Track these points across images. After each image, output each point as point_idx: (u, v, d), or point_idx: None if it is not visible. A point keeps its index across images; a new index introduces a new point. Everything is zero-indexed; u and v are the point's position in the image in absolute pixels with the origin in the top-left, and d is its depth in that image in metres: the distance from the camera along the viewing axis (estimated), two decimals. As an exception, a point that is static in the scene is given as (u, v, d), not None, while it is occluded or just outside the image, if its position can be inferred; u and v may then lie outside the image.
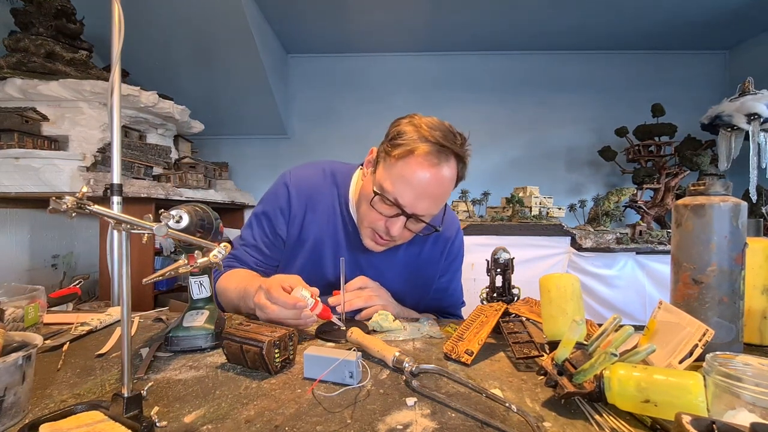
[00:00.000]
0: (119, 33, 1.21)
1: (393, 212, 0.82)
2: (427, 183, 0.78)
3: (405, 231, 0.84)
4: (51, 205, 0.41)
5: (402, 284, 0.97)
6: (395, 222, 0.82)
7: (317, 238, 0.95)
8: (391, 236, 0.84)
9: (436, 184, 0.79)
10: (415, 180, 0.78)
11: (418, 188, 0.78)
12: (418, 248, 0.98)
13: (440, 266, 1.01)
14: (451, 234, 1.02)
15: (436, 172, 0.78)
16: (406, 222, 0.82)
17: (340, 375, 0.55)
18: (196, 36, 2.58)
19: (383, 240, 0.86)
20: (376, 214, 0.84)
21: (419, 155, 0.78)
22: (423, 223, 0.83)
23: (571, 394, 0.48)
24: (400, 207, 0.80)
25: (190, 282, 0.74)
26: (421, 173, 0.78)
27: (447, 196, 0.84)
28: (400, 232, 0.82)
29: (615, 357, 0.45)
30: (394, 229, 0.82)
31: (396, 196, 0.79)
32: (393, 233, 0.82)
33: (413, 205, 0.80)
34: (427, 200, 0.80)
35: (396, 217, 0.82)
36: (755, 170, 2.32)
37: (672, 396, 0.43)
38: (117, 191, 1.30)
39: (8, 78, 1.84)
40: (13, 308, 0.75)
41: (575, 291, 0.62)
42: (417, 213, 0.81)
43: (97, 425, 0.41)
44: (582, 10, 2.68)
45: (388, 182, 0.80)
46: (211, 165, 2.68)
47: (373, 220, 0.85)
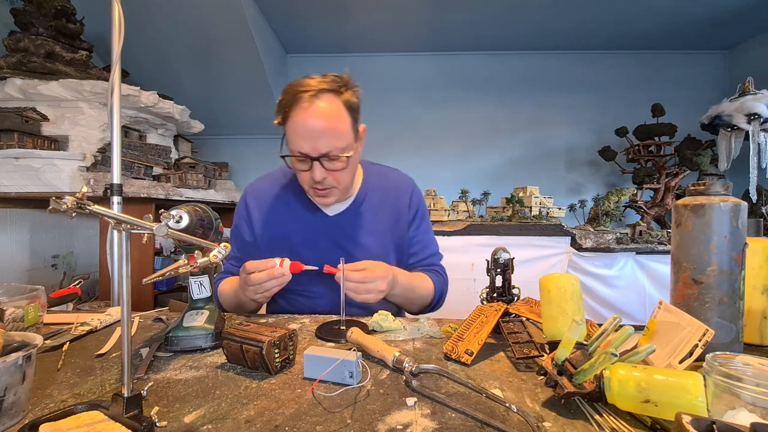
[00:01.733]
0: (119, 33, 1.21)
1: (307, 163, 0.90)
2: (310, 125, 0.86)
3: (331, 173, 0.91)
4: (51, 205, 0.41)
5: (381, 246, 1.03)
6: (314, 169, 0.89)
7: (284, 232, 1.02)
8: (320, 183, 0.91)
9: (319, 120, 0.86)
10: (300, 128, 0.87)
11: (306, 132, 0.87)
12: (383, 209, 1.06)
13: (408, 217, 1.08)
14: (408, 185, 1.11)
15: (312, 111, 0.86)
16: (322, 164, 0.89)
17: (340, 375, 0.55)
18: (196, 36, 2.58)
19: (321, 190, 0.94)
20: (301, 174, 0.93)
21: (293, 109, 0.87)
22: (336, 158, 0.89)
23: (571, 394, 0.48)
24: (306, 155, 0.88)
25: (190, 282, 0.74)
26: (301, 120, 0.86)
27: (342, 127, 0.89)
28: (323, 175, 0.90)
29: (615, 357, 0.45)
30: (317, 175, 0.89)
31: (298, 149, 0.88)
32: (317, 178, 0.90)
33: (314, 147, 0.87)
34: (321, 138, 0.87)
35: (312, 166, 0.89)
36: (755, 170, 2.32)
37: (672, 396, 0.43)
38: (117, 191, 1.31)
39: (8, 78, 1.84)
40: (13, 308, 0.75)
41: (575, 291, 0.62)
42: (322, 152, 0.88)
43: (97, 425, 0.41)
44: (582, 11, 2.68)
45: (290, 143, 0.90)
46: (211, 165, 2.68)
47: (303, 178, 0.94)
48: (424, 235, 1.11)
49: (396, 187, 1.09)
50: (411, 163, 3.32)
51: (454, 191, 2.89)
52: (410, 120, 3.35)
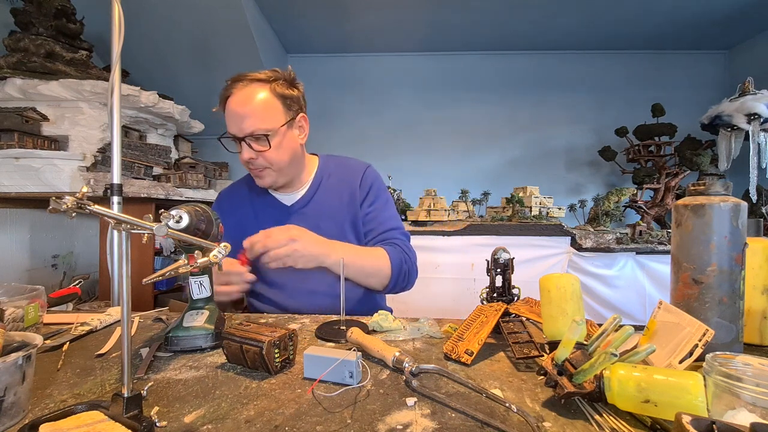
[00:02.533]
0: (119, 33, 1.21)
1: (238, 145, 0.99)
2: (234, 108, 0.95)
3: (261, 153, 0.98)
4: (51, 205, 0.41)
5: (337, 228, 1.07)
6: (242, 149, 0.98)
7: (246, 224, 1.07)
8: (251, 162, 0.99)
9: (243, 105, 0.95)
10: (228, 111, 0.96)
11: (232, 115, 0.96)
12: (337, 192, 1.10)
13: (361, 195, 1.10)
14: (361, 167, 1.14)
15: (239, 96, 0.95)
16: (249, 145, 0.96)
17: (340, 375, 0.55)
18: (196, 36, 2.58)
19: (255, 170, 1.01)
20: (238, 156, 1.00)
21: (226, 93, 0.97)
22: (261, 137, 0.96)
23: (571, 394, 0.48)
24: (234, 136, 0.97)
25: (190, 282, 0.74)
26: (229, 105, 0.96)
27: (269, 111, 0.96)
28: (250, 155, 0.97)
29: (615, 357, 0.45)
30: (245, 154, 0.97)
31: (229, 131, 0.98)
32: (244, 157, 0.98)
33: (239, 128, 0.95)
34: (244, 120, 0.94)
35: (241, 146, 0.98)
36: (755, 170, 2.32)
37: (672, 396, 0.43)
38: (117, 191, 1.30)
39: (8, 78, 1.84)
40: (13, 308, 0.75)
41: (575, 291, 0.62)
42: (246, 132, 0.95)
43: (97, 425, 0.41)
44: (582, 11, 2.68)
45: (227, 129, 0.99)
46: (211, 165, 2.68)
47: (241, 161, 1.01)
48: (380, 212, 1.11)
49: (350, 171, 1.13)
50: (411, 163, 3.33)
51: (454, 191, 2.89)
52: (410, 120, 3.35)
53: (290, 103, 1.00)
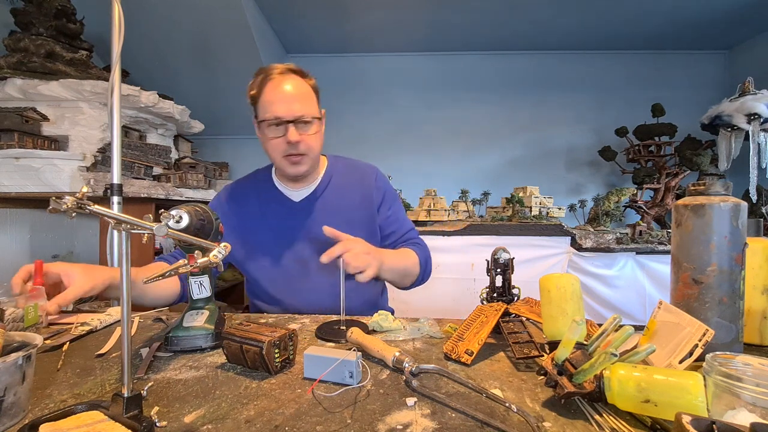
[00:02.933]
0: (119, 33, 1.21)
1: (281, 129, 0.97)
2: (283, 90, 0.96)
3: (304, 137, 0.98)
4: (51, 205, 0.41)
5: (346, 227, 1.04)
6: (289, 131, 0.96)
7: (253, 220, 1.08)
8: (295, 146, 0.97)
9: (291, 88, 0.97)
10: (275, 94, 0.96)
11: (280, 97, 0.96)
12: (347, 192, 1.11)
13: (377, 199, 1.12)
14: (372, 170, 1.17)
15: (285, 81, 0.97)
16: (295, 127, 0.96)
17: (340, 375, 0.55)
18: (196, 36, 2.58)
19: (295, 156, 0.99)
20: (275, 141, 0.98)
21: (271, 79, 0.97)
22: (309, 123, 0.98)
23: (571, 394, 0.48)
24: (281, 118, 0.95)
25: (190, 282, 0.74)
26: (275, 88, 0.96)
27: (310, 100, 0.99)
28: (296, 137, 0.96)
29: (615, 357, 0.45)
30: (292, 135, 0.96)
31: (273, 114, 0.96)
32: (293, 139, 0.96)
33: (289, 110, 0.95)
34: (293, 102, 0.96)
35: (287, 130, 0.96)
36: (755, 170, 2.32)
37: (672, 396, 0.43)
38: (117, 191, 1.30)
39: (8, 78, 1.84)
40: (13, 308, 0.75)
41: (575, 291, 0.62)
42: (296, 114, 0.95)
43: (97, 425, 0.41)
44: (582, 11, 2.68)
45: (265, 111, 0.97)
46: (211, 165, 2.68)
47: (277, 147, 0.99)
48: (398, 214, 1.16)
49: (359, 172, 1.15)
50: (411, 163, 3.33)
51: (454, 191, 2.89)
52: (410, 120, 3.35)
53: (319, 98, 1.04)
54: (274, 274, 1.05)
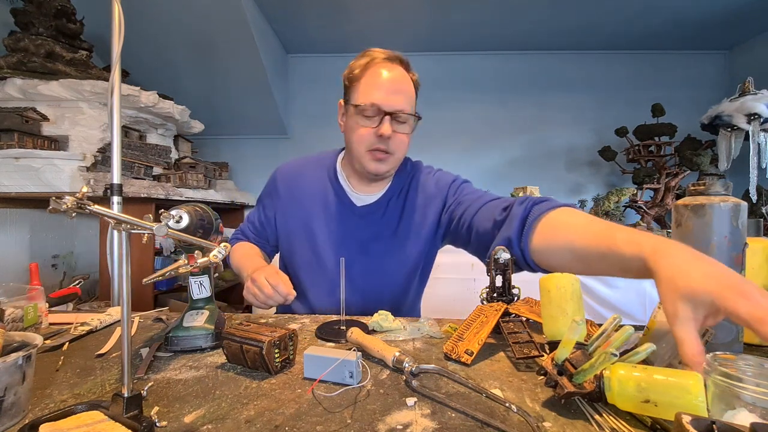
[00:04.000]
0: (119, 33, 1.21)
1: (376, 119, 0.89)
2: (390, 79, 0.89)
3: (396, 135, 0.90)
4: (51, 205, 0.41)
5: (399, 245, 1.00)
6: (383, 125, 0.88)
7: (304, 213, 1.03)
8: (385, 140, 0.89)
9: (399, 79, 0.90)
10: (380, 80, 0.89)
11: (385, 85, 0.88)
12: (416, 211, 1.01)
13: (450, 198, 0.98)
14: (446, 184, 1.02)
15: (395, 69, 0.90)
16: (391, 122, 0.88)
17: (340, 375, 0.55)
18: (196, 36, 2.58)
19: (382, 153, 0.91)
20: (364, 130, 0.90)
21: (376, 63, 0.90)
22: (405, 121, 0.91)
23: (571, 394, 0.48)
24: (378, 107, 0.88)
25: (190, 282, 0.74)
26: (383, 73, 0.89)
27: (412, 96, 0.93)
28: (390, 132, 0.88)
29: (615, 357, 0.45)
30: (384, 130, 0.88)
31: (371, 101, 0.88)
32: (386, 133, 0.88)
33: (388, 100, 0.88)
34: (397, 95, 0.89)
35: (381, 121, 0.88)
36: (755, 170, 2.32)
37: (672, 396, 0.43)
38: (117, 191, 1.30)
39: (8, 78, 1.84)
40: (13, 308, 0.75)
41: (575, 291, 0.62)
42: (395, 107, 0.88)
43: (97, 425, 0.41)
44: (582, 11, 2.68)
45: (361, 96, 0.89)
46: (211, 165, 2.68)
47: (365, 138, 0.91)
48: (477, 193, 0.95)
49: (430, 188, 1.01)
50: (411, 163, 3.32)
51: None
52: (410, 120, 3.35)
53: (418, 96, 0.97)
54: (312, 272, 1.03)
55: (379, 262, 1.01)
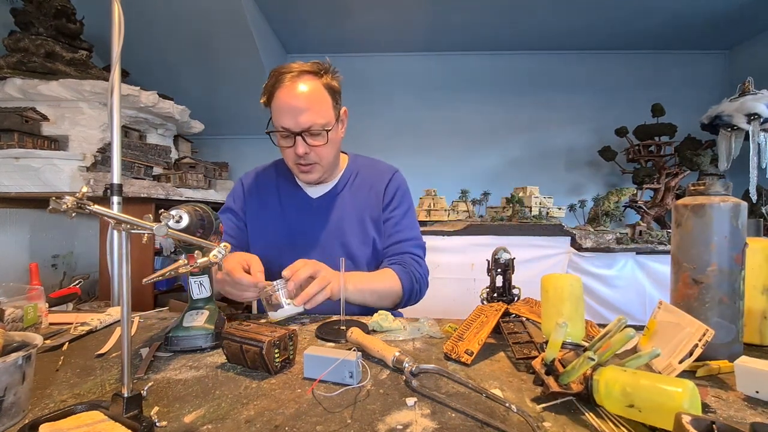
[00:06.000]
0: (119, 33, 1.21)
1: (290, 140, 0.96)
2: (291, 102, 0.93)
3: (314, 148, 0.97)
4: (51, 205, 0.41)
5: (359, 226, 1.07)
6: (297, 144, 0.95)
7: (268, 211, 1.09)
8: (304, 157, 0.97)
9: (300, 98, 0.93)
10: (282, 105, 0.93)
11: (288, 109, 0.93)
12: (362, 192, 1.10)
13: (386, 199, 1.11)
14: (389, 171, 1.15)
15: (294, 89, 0.93)
16: (304, 139, 0.95)
17: (340, 375, 0.55)
18: (196, 36, 2.58)
19: (305, 166, 1.00)
20: (285, 150, 0.99)
21: (279, 88, 0.94)
22: (318, 133, 0.96)
23: (555, 393, 0.48)
24: (288, 130, 0.94)
25: (190, 282, 0.74)
26: (284, 98, 0.93)
27: (322, 105, 0.96)
28: (305, 149, 0.96)
29: (593, 361, 0.45)
30: (299, 149, 0.95)
31: (280, 124, 0.95)
32: (300, 152, 0.96)
33: (295, 123, 0.93)
34: (302, 114, 0.93)
35: (295, 140, 0.95)
36: (755, 170, 2.32)
37: (655, 403, 0.42)
38: (117, 191, 1.30)
39: (8, 78, 1.84)
40: (13, 308, 0.75)
41: (573, 292, 0.62)
42: (303, 127, 0.94)
43: (97, 425, 0.41)
44: (582, 11, 2.68)
45: (274, 120, 0.97)
46: (211, 165, 2.68)
47: (288, 156, 1.00)
48: (400, 219, 1.11)
49: (378, 173, 1.14)
50: (411, 163, 3.31)
51: (454, 191, 2.89)
52: (410, 120, 3.35)
53: (337, 97, 1.01)
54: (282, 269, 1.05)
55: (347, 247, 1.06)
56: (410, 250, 1.09)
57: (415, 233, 1.12)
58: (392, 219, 1.10)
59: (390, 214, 1.10)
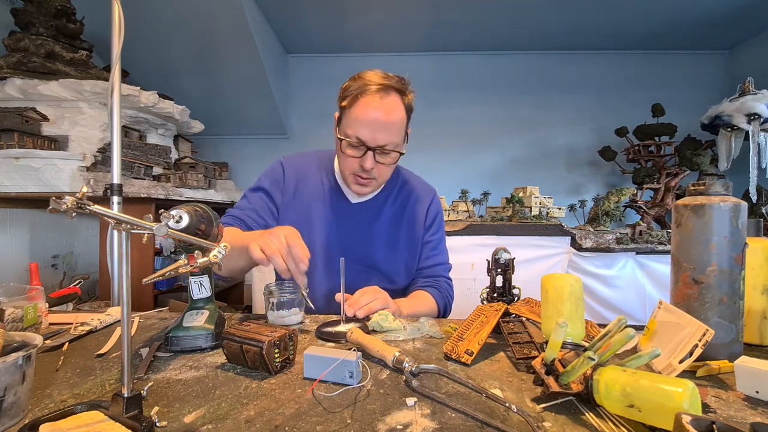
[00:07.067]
0: (119, 33, 1.21)
1: (361, 151, 0.94)
2: (376, 116, 0.91)
3: (379, 165, 0.96)
4: (51, 205, 0.41)
5: (391, 240, 1.07)
6: (366, 158, 0.94)
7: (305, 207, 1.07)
8: (368, 172, 0.96)
9: (385, 115, 0.91)
10: (367, 117, 0.91)
11: (371, 123, 0.91)
12: (402, 206, 1.10)
13: (426, 221, 1.12)
14: (430, 192, 1.17)
15: (380, 104, 0.91)
16: (374, 156, 0.94)
17: (340, 375, 0.55)
18: (196, 36, 2.58)
19: (364, 179, 0.98)
20: (350, 159, 0.96)
21: (364, 97, 0.92)
22: (389, 153, 0.95)
23: (555, 393, 0.48)
24: (363, 143, 0.93)
25: (190, 282, 0.74)
26: (366, 109, 0.91)
27: (401, 125, 0.95)
28: (372, 165, 0.94)
29: (593, 361, 0.45)
30: (367, 163, 0.94)
31: (357, 135, 0.92)
32: (367, 167, 0.94)
33: (373, 138, 0.92)
34: (382, 131, 0.92)
35: (365, 154, 0.94)
36: (755, 170, 2.32)
37: (654, 403, 0.42)
38: (117, 191, 1.31)
39: (8, 78, 1.84)
40: (13, 308, 0.75)
41: (573, 292, 0.62)
42: (379, 144, 0.92)
43: (97, 425, 0.41)
44: (582, 10, 2.68)
45: (349, 128, 0.94)
46: (211, 165, 2.68)
47: (350, 164, 0.97)
48: (438, 243, 1.14)
49: (419, 192, 1.14)
50: (411, 163, 3.30)
51: (454, 191, 2.89)
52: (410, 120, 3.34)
53: (410, 117, 1.00)
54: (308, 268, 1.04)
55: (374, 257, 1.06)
56: (445, 274, 1.15)
57: (447, 257, 1.18)
58: (431, 243, 1.13)
59: (430, 237, 1.13)
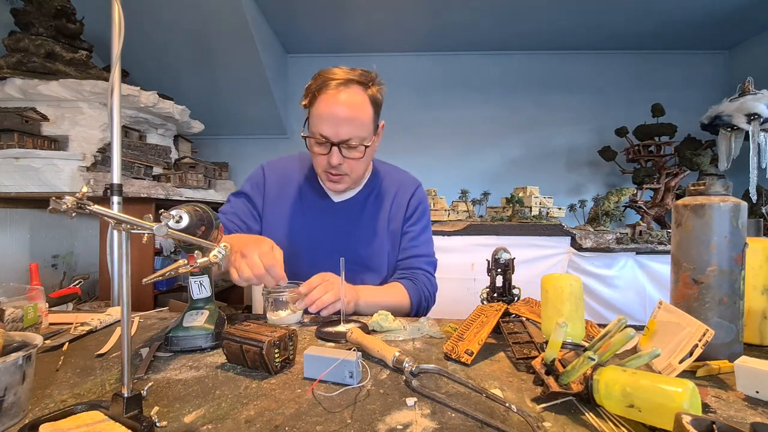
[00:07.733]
0: (119, 33, 1.21)
1: (326, 148, 0.94)
2: (334, 111, 0.90)
3: (348, 160, 0.96)
4: (51, 205, 0.41)
5: (376, 237, 1.07)
6: (332, 154, 0.94)
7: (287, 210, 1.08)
8: (336, 168, 0.95)
9: (344, 109, 0.91)
10: (325, 113, 0.91)
11: (332, 118, 0.91)
12: (384, 201, 1.10)
13: (407, 212, 1.11)
14: (413, 184, 1.15)
15: (338, 98, 0.91)
16: (340, 150, 0.93)
17: (340, 375, 0.55)
18: (196, 36, 2.58)
19: (335, 175, 0.98)
20: (318, 157, 0.97)
21: (324, 93, 0.91)
22: (355, 147, 0.95)
23: (555, 393, 0.48)
24: (327, 139, 0.92)
25: (190, 282, 0.74)
26: (327, 105, 0.91)
27: (365, 119, 0.94)
28: (339, 161, 0.94)
29: (593, 361, 0.45)
30: (334, 159, 0.94)
31: (320, 132, 0.92)
32: (334, 162, 0.94)
33: (336, 133, 0.92)
34: (345, 126, 0.91)
35: (330, 150, 0.93)
36: (755, 170, 2.32)
37: (655, 403, 0.42)
38: (117, 191, 1.31)
39: (8, 78, 1.84)
40: (13, 308, 0.75)
41: (573, 292, 0.62)
42: (342, 138, 0.92)
43: (97, 425, 0.41)
44: (582, 11, 2.68)
45: (313, 126, 0.94)
46: (211, 165, 2.68)
47: (319, 162, 0.98)
48: (418, 234, 1.11)
49: (401, 184, 1.13)
50: (411, 163, 3.30)
51: (454, 191, 2.89)
52: (410, 120, 3.35)
53: (379, 110, 0.99)
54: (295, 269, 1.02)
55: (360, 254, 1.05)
56: (423, 266, 1.10)
57: (429, 250, 1.14)
58: (410, 233, 1.11)
59: (409, 228, 1.11)
